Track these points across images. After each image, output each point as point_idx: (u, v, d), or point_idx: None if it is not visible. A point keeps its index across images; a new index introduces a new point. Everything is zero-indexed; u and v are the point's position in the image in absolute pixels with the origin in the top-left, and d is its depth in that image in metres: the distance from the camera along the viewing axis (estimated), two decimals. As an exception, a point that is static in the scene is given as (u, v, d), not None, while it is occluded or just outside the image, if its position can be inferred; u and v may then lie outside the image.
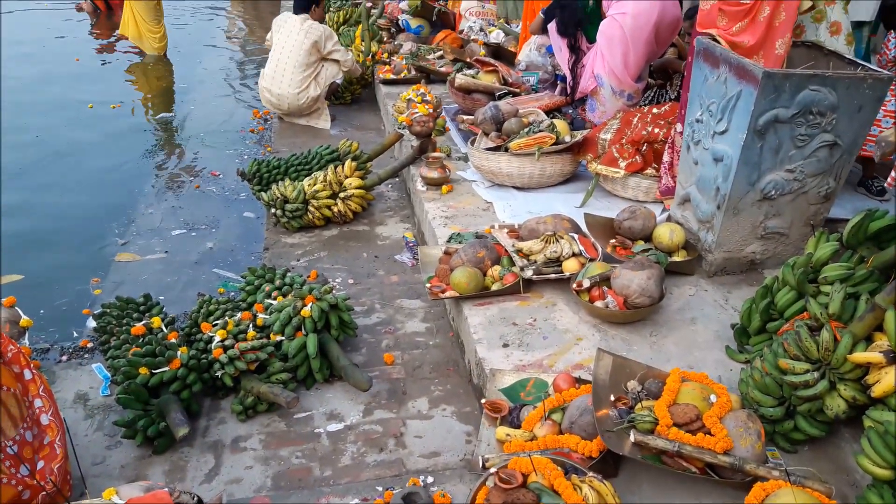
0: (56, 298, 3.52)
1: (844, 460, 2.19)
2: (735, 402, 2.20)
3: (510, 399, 2.44)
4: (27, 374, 2.06)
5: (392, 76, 6.10)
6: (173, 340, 2.67)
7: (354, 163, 4.22)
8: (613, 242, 3.22)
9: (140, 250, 4.01)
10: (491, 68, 5.20)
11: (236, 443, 2.51)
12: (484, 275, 3.03)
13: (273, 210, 4.05)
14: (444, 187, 4.02)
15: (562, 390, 2.35)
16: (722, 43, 2.92)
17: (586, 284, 2.81)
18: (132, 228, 4.27)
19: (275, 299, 2.96)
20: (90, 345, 3.06)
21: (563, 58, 4.48)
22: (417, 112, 4.62)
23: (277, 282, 3.07)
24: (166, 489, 1.85)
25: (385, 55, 6.61)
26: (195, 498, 1.90)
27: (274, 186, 4.09)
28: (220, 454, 2.46)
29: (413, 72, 6.12)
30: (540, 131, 3.89)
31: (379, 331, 3.17)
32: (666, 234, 3.10)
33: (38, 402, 2.07)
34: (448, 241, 3.39)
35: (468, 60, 5.69)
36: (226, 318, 2.80)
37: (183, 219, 4.39)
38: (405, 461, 2.43)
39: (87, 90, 6.96)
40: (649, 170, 3.71)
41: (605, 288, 2.81)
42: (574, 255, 3.04)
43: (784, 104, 2.63)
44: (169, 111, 6.57)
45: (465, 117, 4.79)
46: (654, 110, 3.81)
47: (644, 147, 3.70)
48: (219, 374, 2.61)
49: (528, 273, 2.97)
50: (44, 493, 1.92)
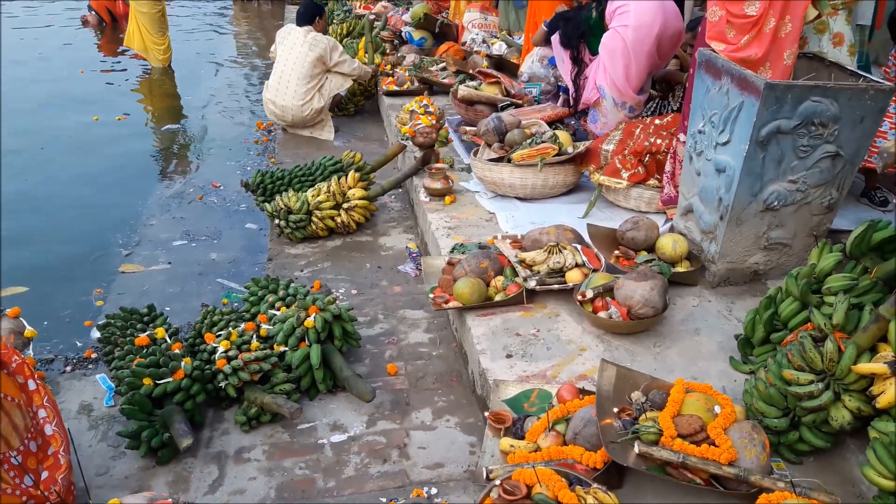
0: (60, 309, 3.53)
1: (850, 472, 2.18)
2: (739, 413, 2.19)
3: (514, 410, 2.44)
4: (31, 385, 2.06)
5: (395, 88, 6.13)
6: (177, 351, 2.67)
7: (358, 174, 4.23)
8: (616, 253, 3.22)
9: (144, 261, 4.02)
10: (493, 80, 5.22)
11: (240, 454, 2.50)
12: (487, 285, 3.04)
13: (277, 221, 4.06)
14: (447, 198, 4.03)
15: (565, 401, 2.34)
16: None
17: (589, 295, 2.81)
18: (136, 239, 4.29)
19: (278, 310, 2.96)
20: (94, 355, 3.06)
21: (566, 69, 4.50)
22: (420, 123, 4.64)
23: (281, 292, 3.07)
24: (170, 500, 1.85)
25: (388, 67, 6.65)
26: (199, 509, 1.89)
27: (277, 197, 4.11)
28: (224, 465, 2.45)
29: (416, 83, 6.15)
30: (542, 142, 3.90)
31: (382, 341, 3.17)
32: (669, 245, 3.10)
33: (43, 413, 2.07)
34: (451, 252, 3.40)
35: (471, 72, 5.71)
36: (229, 329, 2.80)
37: (186, 230, 4.41)
38: (409, 472, 2.43)
39: (93, 102, 7.01)
40: (652, 181, 3.72)
41: (609, 298, 2.81)
42: (577, 266, 3.04)
43: (786, 115, 2.64)
44: (174, 123, 6.61)
45: (468, 128, 4.82)
46: (657, 121, 3.82)
47: (646, 158, 3.71)
48: (222, 385, 2.61)
49: (532, 284, 2.97)
50: (47, 504, 1.92)
